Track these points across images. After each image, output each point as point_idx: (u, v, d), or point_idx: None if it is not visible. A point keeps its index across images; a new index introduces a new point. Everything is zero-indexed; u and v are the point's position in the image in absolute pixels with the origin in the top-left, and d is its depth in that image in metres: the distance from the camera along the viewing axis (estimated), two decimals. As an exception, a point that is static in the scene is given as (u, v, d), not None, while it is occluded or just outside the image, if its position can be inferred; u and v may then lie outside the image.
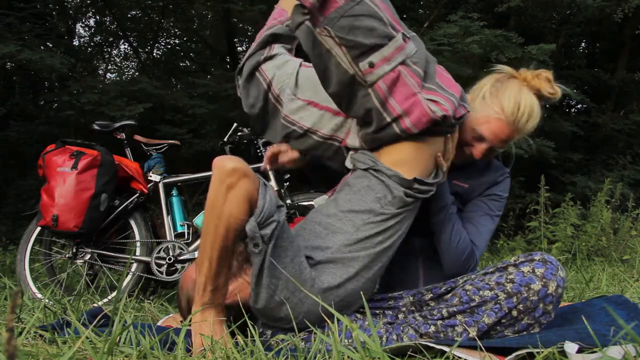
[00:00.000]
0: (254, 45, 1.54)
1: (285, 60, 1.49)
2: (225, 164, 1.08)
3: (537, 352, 0.93)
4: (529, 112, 1.38)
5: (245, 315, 1.16)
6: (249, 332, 1.07)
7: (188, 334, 1.11)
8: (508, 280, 1.15)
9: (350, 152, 1.36)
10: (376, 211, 1.25)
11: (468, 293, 1.20)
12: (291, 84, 1.43)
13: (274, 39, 1.54)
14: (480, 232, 1.47)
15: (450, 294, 1.25)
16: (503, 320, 1.15)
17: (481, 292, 1.17)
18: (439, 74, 1.27)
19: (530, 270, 1.15)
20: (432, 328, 1.20)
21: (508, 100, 1.38)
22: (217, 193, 1.08)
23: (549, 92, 1.40)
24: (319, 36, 1.16)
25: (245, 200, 1.08)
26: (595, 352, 0.94)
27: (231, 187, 1.07)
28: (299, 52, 1.49)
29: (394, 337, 1.21)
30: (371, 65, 1.16)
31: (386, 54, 1.16)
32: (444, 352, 0.97)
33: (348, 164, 1.36)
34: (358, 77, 1.17)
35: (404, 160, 1.25)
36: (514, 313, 1.14)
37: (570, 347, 0.95)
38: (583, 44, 8.82)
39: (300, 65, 1.48)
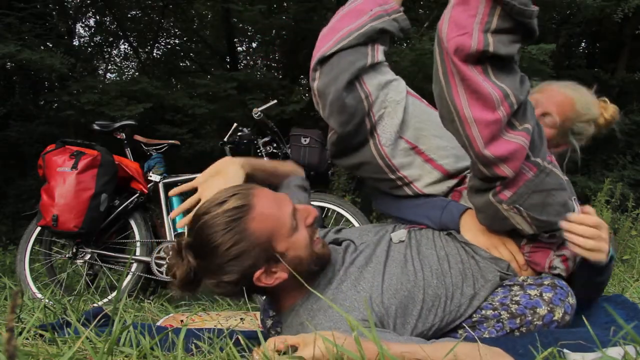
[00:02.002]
0: (345, 29, 1.18)
1: (388, 80, 1.23)
2: None
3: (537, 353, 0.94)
4: (587, 100, 1.41)
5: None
6: (261, 339, 1.07)
7: (188, 333, 1.11)
8: (513, 302, 1.10)
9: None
10: (467, 295, 1.13)
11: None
12: (397, 117, 1.21)
13: (381, 36, 1.22)
14: None
15: None
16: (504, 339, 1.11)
17: (483, 312, 1.12)
18: None
19: (538, 294, 1.09)
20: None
21: (573, 89, 1.43)
22: None
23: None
24: (505, 212, 1.06)
25: None
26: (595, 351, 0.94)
27: None
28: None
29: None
30: (552, 236, 1.14)
31: None
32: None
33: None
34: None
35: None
36: (516, 334, 1.09)
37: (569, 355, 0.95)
38: (583, 44, 8.83)
39: (407, 92, 1.26)
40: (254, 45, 8.96)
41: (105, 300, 2.24)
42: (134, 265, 2.43)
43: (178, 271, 1.02)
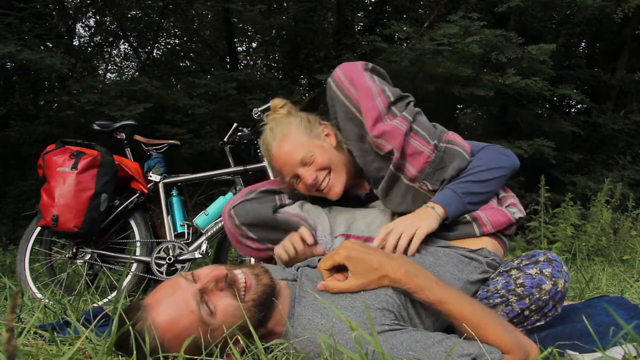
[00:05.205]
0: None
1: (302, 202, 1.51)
2: None
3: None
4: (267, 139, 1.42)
5: None
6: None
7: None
8: (518, 285, 1.15)
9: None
10: (462, 279, 1.20)
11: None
12: (327, 223, 1.39)
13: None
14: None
15: None
16: (514, 320, 1.16)
17: (491, 301, 1.17)
18: None
19: (538, 272, 1.15)
20: None
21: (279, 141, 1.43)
22: None
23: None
24: (418, 189, 1.28)
25: None
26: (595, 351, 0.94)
27: None
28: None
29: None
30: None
31: None
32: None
33: None
34: None
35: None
36: (526, 313, 1.15)
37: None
38: (583, 44, 8.84)
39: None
40: (254, 45, 8.98)
41: (105, 300, 2.24)
42: (134, 265, 2.42)
43: None
